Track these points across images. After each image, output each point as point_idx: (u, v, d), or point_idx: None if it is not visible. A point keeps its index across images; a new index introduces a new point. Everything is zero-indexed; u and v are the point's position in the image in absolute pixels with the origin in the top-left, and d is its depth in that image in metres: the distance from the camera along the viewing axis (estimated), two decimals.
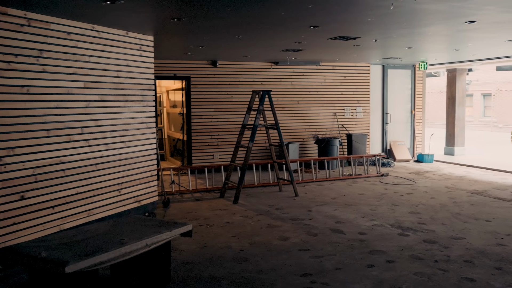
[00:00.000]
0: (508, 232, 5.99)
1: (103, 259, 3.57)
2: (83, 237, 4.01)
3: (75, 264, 3.35)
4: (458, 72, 13.98)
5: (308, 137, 12.27)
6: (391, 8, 5.34)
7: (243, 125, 8.65)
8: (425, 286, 4.28)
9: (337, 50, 9.47)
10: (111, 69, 6.39)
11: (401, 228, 6.23)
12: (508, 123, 25.26)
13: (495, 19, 6.20)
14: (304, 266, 4.85)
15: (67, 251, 3.60)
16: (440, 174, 10.74)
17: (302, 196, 8.43)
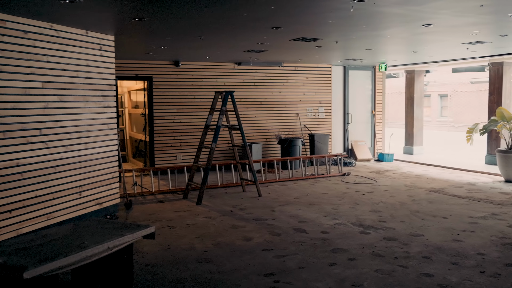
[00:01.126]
0: (463, 228, 6.20)
1: (63, 263, 3.49)
2: (42, 241, 3.92)
3: (34, 269, 3.27)
4: (416, 73, 14.37)
5: (271, 138, 12.34)
6: (351, 11, 5.44)
7: (206, 126, 8.63)
8: (386, 283, 4.39)
9: (299, 51, 9.57)
10: (71, 69, 6.25)
11: (362, 226, 6.36)
12: (463, 122, 26.11)
13: (450, 23, 6.41)
14: (268, 266, 4.88)
15: (26, 256, 3.50)
16: (399, 173, 11.01)
17: (266, 196, 8.48)
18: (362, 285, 4.35)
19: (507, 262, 4.91)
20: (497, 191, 8.75)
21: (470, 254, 5.17)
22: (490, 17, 6.07)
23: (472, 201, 7.87)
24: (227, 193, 8.87)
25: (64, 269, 3.52)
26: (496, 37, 7.97)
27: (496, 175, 10.33)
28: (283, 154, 11.74)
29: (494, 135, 11.62)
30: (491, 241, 5.66)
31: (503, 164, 9.78)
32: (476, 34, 7.50)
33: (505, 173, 9.80)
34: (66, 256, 3.53)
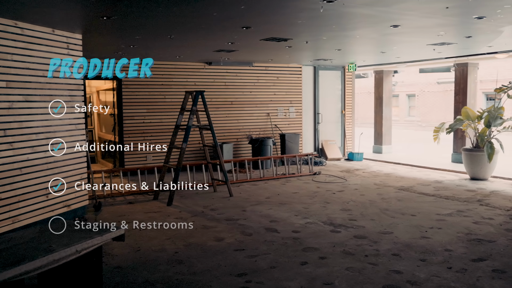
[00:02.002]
0: (431, 225, 6.33)
1: (29, 268, 3.40)
2: (7, 245, 3.80)
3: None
4: (385, 73, 14.60)
5: (242, 138, 12.34)
6: (321, 11, 5.48)
7: (176, 126, 8.56)
8: (356, 280, 4.44)
9: (270, 51, 9.60)
10: (36, 68, 6.10)
11: (333, 225, 6.41)
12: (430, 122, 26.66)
13: (417, 24, 6.53)
14: (239, 266, 4.87)
15: None
16: (369, 172, 11.16)
17: (237, 196, 8.47)
18: (333, 283, 4.39)
19: (472, 258, 5.03)
20: (463, 188, 8.97)
21: (438, 251, 5.28)
22: (455, 19, 6.21)
23: (439, 199, 8.04)
24: (198, 193, 8.82)
25: (30, 273, 3.43)
26: (461, 39, 8.16)
27: (462, 173, 10.58)
28: (254, 154, 11.75)
29: (460, 134, 11.90)
30: (458, 237, 5.79)
31: (468, 162, 10.03)
32: (442, 35, 7.67)
33: (470, 171, 10.05)
34: (32, 260, 3.44)
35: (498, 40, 8.28)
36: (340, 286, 4.32)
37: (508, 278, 4.47)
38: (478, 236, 5.84)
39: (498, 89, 9.79)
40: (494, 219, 6.65)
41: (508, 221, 6.54)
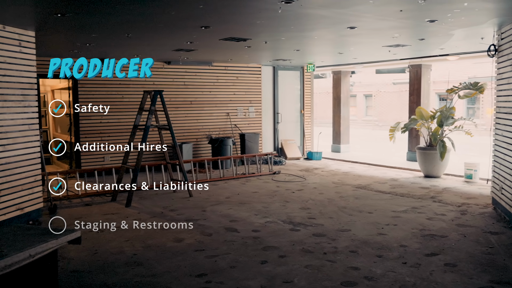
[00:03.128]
0: (387, 222, 6.49)
1: None
2: None
3: None
4: (343, 74, 14.86)
5: (202, 137, 12.28)
6: (279, 12, 5.53)
7: (134, 126, 8.43)
8: (315, 278, 4.51)
9: (229, 51, 9.60)
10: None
11: (292, 224, 6.48)
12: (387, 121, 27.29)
13: (373, 26, 6.68)
14: (199, 267, 4.85)
15: None
16: (328, 171, 11.34)
17: (197, 197, 8.43)
18: (292, 281, 4.44)
19: (426, 253, 5.20)
20: (417, 186, 9.24)
21: (393, 247, 5.42)
22: (409, 21, 6.40)
23: (395, 196, 8.26)
24: (157, 194, 8.73)
25: None
26: (415, 41, 8.41)
27: (416, 171, 10.90)
28: (214, 154, 11.72)
29: (414, 133, 12.26)
30: (412, 233, 5.97)
31: (422, 160, 10.34)
32: (397, 37, 7.88)
33: (424, 168, 10.37)
34: None
35: (449, 42, 8.58)
36: (299, 283, 4.38)
37: (459, 271, 4.64)
38: (431, 231, 6.04)
39: (449, 90, 10.14)
40: (446, 215, 6.89)
41: (459, 216, 6.79)
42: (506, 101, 6.72)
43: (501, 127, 6.91)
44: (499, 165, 6.99)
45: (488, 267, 4.77)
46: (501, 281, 4.39)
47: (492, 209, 7.19)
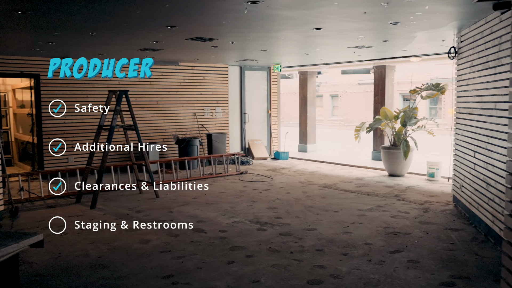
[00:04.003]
0: (353, 221, 6.60)
1: None
2: None
3: None
4: (309, 74, 15.01)
5: (168, 138, 12.19)
6: (245, 12, 5.54)
7: (99, 126, 8.30)
8: (282, 277, 4.54)
9: (196, 51, 9.56)
10: None
11: (259, 223, 6.51)
12: (353, 121, 27.71)
13: (338, 27, 6.78)
14: (166, 268, 4.82)
15: None
16: (294, 170, 11.43)
17: (163, 197, 8.36)
18: (259, 280, 4.46)
19: (390, 250, 5.31)
20: (382, 184, 9.43)
21: (359, 245, 5.52)
22: (373, 23, 6.52)
23: (360, 195, 8.40)
24: (123, 195, 8.61)
25: None
26: (379, 42, 8.58)
27: (381, 170, 11.11)
28: (180, 154, 11.65)
29: (379, 133, 12.50)
30: (377, 231, 6.09)
31: (387, 159, 10.55)
32: (361, 39, 8.01)
33: (388, 167, 10.58)
34: None
35: (412, 44, 8.79)
36: (266, 283, 4.40)
37: (421, 267, 4.77)
38: (395, 229, 6.17)
39: (412, 90, 10.38)
40: (409, 212, 7.05)
41: (422, 214, 6.96)
42: (465, 101, 6.92)
43: (461, 127, 7.12)
44: (459, 163, 7.20)
45: (449, 262, 4.91)
46: (461, 276, 4.53)
47: (453, 207, 7.40)
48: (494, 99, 5.58)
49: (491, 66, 5.70)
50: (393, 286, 4.29)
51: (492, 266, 4.77)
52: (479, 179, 6.06)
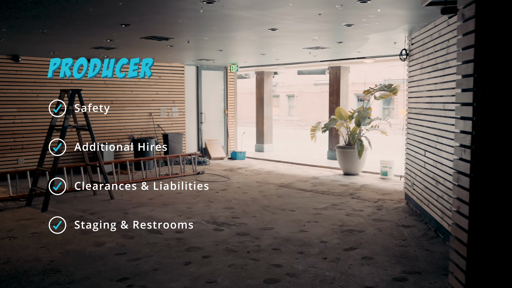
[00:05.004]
0: (309, 219, 6.69)
1: None
2: None
3: None
4: (266, 74, 15.09)
5: (124, 138, 11.97)
6: (201, 12, 5.52)
7: (51, 126, 8.06)
8: (239, 277, 4.55)
9: (151, 50, 9.44)
10: None
11: (216, 224, 6.50)
12: (309, 121, 28.07)
13: (294, 28, 6.86)
14: (121, 271, 4.73)
15: None
16: (251, 170, 11.47)
17: (118, 199, 8.20)
18: (216, 281, 4.46)
19: (345, 247, 5.42)
20: (337, 183, 9.60)
21: (314, 243, 5.60)
22: (328, 25, 6.63)
23: (316, 194, 8.52)
24: (77, 197, 8.39)
25: None
26: (333, 44, 8.73)
27: (336, 169, 11.31)
28: (136, 155, 11.47)
29: (334, 132, 12.71)
30: (332, 229, 6.20)
31: (342, 158, 10.76)
32: (317, 40, 8.13)
33: (343, 166, 10.79)
34: None
35: (365, 46, 8.99)
36: (223, 283, 4.40)
37: (375, 263, 4.89)
38: (350, 227, 6.30)
39: (366, 91, 10.62)
40: (363, 210, 7.22)
41: (376, 212, 7.14)
42: (416, 102, 7.15)
43: (412, 126, 7.34)
44: (410, 162, 7.43)
45: (401, 258, 5.06)
46: (413, 271, 4.68)
47: (405, 204, 7.63)
48: (442, 100, 5.79)
49: (440, 68, 5.91)
50: (347, 283, 4.38)
51: (441, 261, 4.95)
52: (429, 177, 6.27)
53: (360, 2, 5.10)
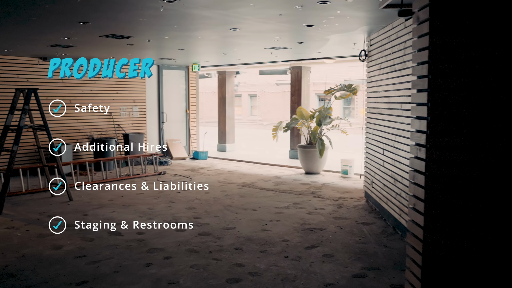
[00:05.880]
0: (271, 218, 6.73)
1: None
2: None
3: None
4: (228, 74, 15.08)
5: (83, 138, 11.71)
6: (161, 10, 5.47)
7: (5, 127, 7.79)
8: (201, 277, 4.54)
9: (110, 48, 9.27)
10: None
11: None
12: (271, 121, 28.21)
13: (255, 28, 6.88)
14: (80, 274, 4.63)
15: None
16: (213, 170, 11.44)
17: (77, 200, 8.02)
18: (178, 282, 4.43)
19: (306, 246, 5.49)
20: (299, 182, 9.70)
21: (276, 242, 5.64)
22: (289, 25, 6.69)
23: (278, 193, 8.58)
24: (33, 199, 8.15)
25: None
26: (294, 44, 8.81)
27: (298, 168, 11.43)
28: (96, 155, 11.24)
29: (296, 132, 12.84)
30: (294, 228, 6.26)
31: (303, 158, 10.87)
32: (278, 40, 8.19)
33: (305, 166, 10.90)
34: None
35: (326, 47, 9.12)
36: (185, 284, 4.37)
37: (336, 261, 4.97)
38: (311, 225, 6.38)
39: (327, 91, 10.77)
40: (324, 209, 7.32)
41: (336, 210, 7.25)
42: (375, 102, 7.31)
43: (371, 126, 7.50)
44: (370, 161, 7.58)
45: (361, 255, 5.16)
46: (372, 267, 4.78)
47: (365, 202, 7.79)
48: (400, 100, 5.94)
49: (397, 69, 6.07)
50: (309, 281, 4.44)
51: (399, 257, 5.08)
52: (388, 175, 6.42)
53: (320, 3, 5.18)
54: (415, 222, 2.64)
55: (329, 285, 4.35)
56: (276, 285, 4.34)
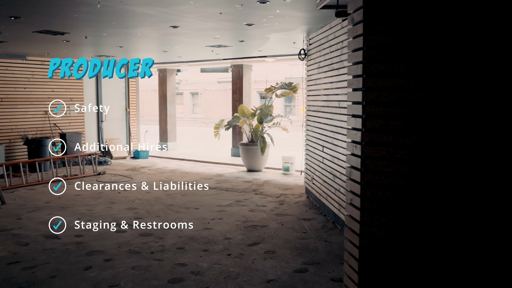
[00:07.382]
0: (213, 217, 6.73)
1: None
2: None
3: None
4: (168, 72, 14.88)
5: (16, 138, 11.19)
6: (98, 6, 5.33)
7: None
8: (142, 278, 4.47)
9: (45, 45, 8.91)
10: None
11: (118, 225, 6.31)
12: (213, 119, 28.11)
13: (195, 26, 6.85)
14: (14, 281, 4.44)
15: None
16: (155, 169, 11.27)
17: (11, 204, 7.67)
18: (119, 284, 4.34)
19: (248, 243, 5.53)
20: (241, 180, 9.75)
21: (219, 240, 5.65)
22: (229, 24, 6.70)
23: (220, 191, 8.59)
24: None
25: None
26: (235, 42, 8.84)
27: (240, 165, 11.48)
28: (30, 156, 10.77)
29: (238, 130, 12.88)
30: (236, 225, 6.29)
31: (245, 155, 10.93)
32: (219, 38, 8.18)
33: (247, 163, 10.97)
34: None
35: (266, 45, 9.21)
36: (126, 286, 4.29)
37: (277, 257, 5.05)
38: (253, 222, 6.44)
39: (268, 89, 10.89)
40: (266, 206, 7.41)
41: (278, 206, 7.36)
42: (314, 100, 7.47)
43: (311, 123, 7.66)
44: (310, 157, 7.75)
45: (302, 250, 5.27)
46: (313, 262, 4.90)
47: (306, 198, 7.95)
48: (338, 98, 6.11)
49: (335, 68, 6.23)
50: (251, 277, 4.48)
51: (339, 251, 5.23)
52: (327, 171, 6.59)
53: (260, 2, 5.23)
54: (352, 217, 2.73)
55: (271, 281, 4.41)
56: (218, 283, 4.35)
